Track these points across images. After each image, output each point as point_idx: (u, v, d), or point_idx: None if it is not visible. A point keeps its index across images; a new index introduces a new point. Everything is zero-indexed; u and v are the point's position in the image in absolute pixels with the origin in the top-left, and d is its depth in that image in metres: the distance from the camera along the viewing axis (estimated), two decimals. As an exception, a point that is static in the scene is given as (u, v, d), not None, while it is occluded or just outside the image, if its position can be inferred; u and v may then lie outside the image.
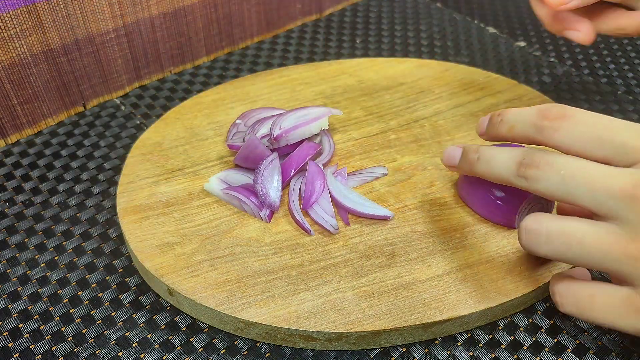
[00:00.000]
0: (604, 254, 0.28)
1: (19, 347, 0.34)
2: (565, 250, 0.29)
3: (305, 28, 0.61)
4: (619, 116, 0.49)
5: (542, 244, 0.29)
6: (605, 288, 0.29)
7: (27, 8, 0.42)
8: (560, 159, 0.29)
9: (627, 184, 0.27)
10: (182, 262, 0.35)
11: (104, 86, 0.50)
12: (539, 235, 0.29)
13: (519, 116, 0.32)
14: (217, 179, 0.40)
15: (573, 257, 0.29)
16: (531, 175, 0.30)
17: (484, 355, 0.33)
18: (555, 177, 0.29)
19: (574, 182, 0.28)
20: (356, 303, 0.33)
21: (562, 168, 0.29)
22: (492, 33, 0.60)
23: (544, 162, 0.29)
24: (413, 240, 0.37)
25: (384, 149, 0.44)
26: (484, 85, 0.49)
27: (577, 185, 0.28)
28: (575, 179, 0.28)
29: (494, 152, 0.32)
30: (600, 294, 0.29)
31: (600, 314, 0.29)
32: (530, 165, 0.30)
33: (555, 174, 0.29)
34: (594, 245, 0.28)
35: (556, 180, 0.29)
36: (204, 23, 0.53)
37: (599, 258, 0.28)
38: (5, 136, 0.46)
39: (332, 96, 0.48)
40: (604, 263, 0.28)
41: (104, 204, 0.42)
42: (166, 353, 0.33)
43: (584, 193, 0.28)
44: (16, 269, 0.38)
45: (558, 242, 0.29)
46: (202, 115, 0.46)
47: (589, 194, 0.28)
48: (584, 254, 0.28)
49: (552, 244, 0.29)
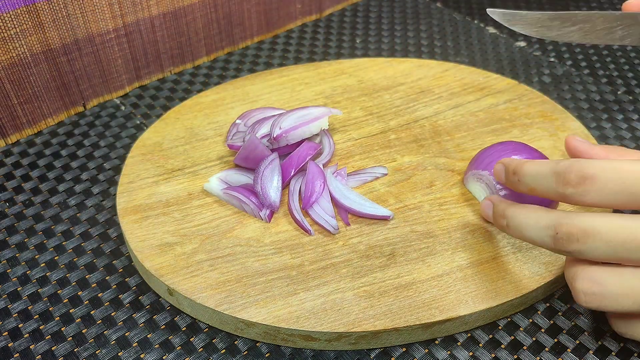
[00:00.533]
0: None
1: (19, 347, 0.34)
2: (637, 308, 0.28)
3: (305, 28, 0.61)
4: (619, 116, 0.49)
5: (607, 305, 0.29)
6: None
7: (27, 8, 0.42)
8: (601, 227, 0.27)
9: None
10: (182, 262, 0.35)
11: (104, 86, 0.50)
12: (603, 298, 0.28)
13: (537, 180, 0.30)
14: (217, 179, 0.40)
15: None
16: (574, 249, 0.28)
17: (484, 355, 0.33)
18: (603, 247, 0.27)
19: (626, 249, 0.27)
20: (356, 303, 0.33)
21: (606, 236, 0.27)
22: (492, 33, 0.60)
23: (582, 234, 0.28)
24: (413, 240, 0.37)
25: (384, 149, 0.44)
26: (484, 85, 0.49)
27: (630, 251, 0.27)
28: (625, 245, 0.27)
29: (523, 220, 0.30)
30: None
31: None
32: (569, 240, 0.28)
33: (602, 244, 0.27)
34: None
35: (606, 250, 0.27)
36: (204, 23, 0.53)
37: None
38: (5, 136, 0.46)
39: (332, 96, 0.48)
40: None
41: (104, 204, 0.42)
42: (166, 353, 0.33)
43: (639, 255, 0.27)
44: (16, 269, 0.38)
45: (628, 304, 0.28)
46: (202, 115, 0.46)
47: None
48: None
49: (620, 306, 0.28)
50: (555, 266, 0.35)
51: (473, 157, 0.40)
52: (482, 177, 0.38)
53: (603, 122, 0.49)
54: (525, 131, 0.45)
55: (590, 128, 0.48)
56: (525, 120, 0.45)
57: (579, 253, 0.28)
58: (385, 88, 0.49)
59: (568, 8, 0.65)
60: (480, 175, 0.38)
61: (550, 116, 0.46)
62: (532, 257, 0.36)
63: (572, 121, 0.45)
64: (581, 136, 0.44)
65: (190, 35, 0.53)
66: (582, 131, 0.44)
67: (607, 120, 0.49)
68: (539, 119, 0.46)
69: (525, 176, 0.31)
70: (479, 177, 0.38)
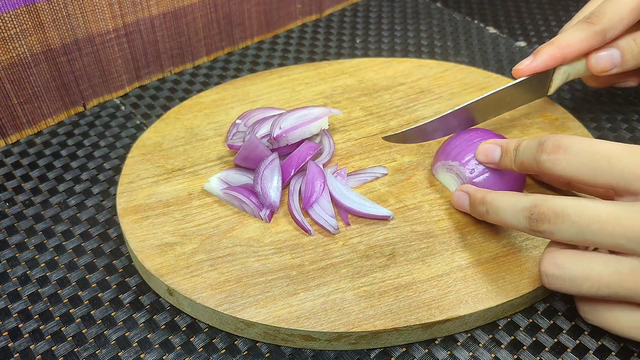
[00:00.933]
0: (632, 291, 0.29)
1: (19, 347, 0.34)
2: (594, 292, 0.30)
3: (305, 28, 0.61)
4: (619, 116, 0.49)
5: (567, 288, 0.30)
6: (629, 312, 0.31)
7: (27, 8, 0.42)
8: (570, 208, 0.29)
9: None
10: (182, 262, 0.35)
11: (104, 86, 0.50)
12: (563, 281, 0.30)
13: (526, 150, 0.33)
14: (217, 179, 0.40)
15: (602, 297, 0.30)
16: (545, 229, 0.30)
17: (484, 355, 0.33)
18: (571, 228, 0.29)
19: (590, 230, 0.29)
20: (356, 303, 0.33)
21: (574, 217, 0.29)
22: (492, 33, 0.60)
23: (553, 215, 0.30)
24: (413, 240, 0.37)
25: (384, 149, 0.44)
26: (484, 85, 0.49)
27: (594, 233, 0.29)
28: (590, 226, 0.29)
29: (501, 204, 0.33)
30: (625, 318, 0.31)
31: (625, 331, 0.31)
32: (541, 219, 0.30)
33: (569, 225, 0.29)
34: (621, 285, 0.29)
35: (573, 231, 0.29)
36: (204, 23, 0.53)
37: (623, 295, 0.29)
38: (5, 136, 0.46)
39: (332, 96, 0.48)
40: (630, 298, 0.29)
41: (104, 204, 0.42)
42: (166, 353, 0.33)
43: (604, 239, 0.29)
44: (16, 269, 0.38)
45: (585, 287, 0.30)
46: (202, 115, 0.46)
47: (610, 239, 0.29)
48: (611, 293, 0.30)
49: (578, 288, 0.30)
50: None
51: (439, 148, 0.41)
52: (452, 168, 0.39)
53: (603, 122, 0.49)
54: (525, 131, 0.45)
55: (590, 128, 0.48)
56: (525, 120, 0.45)
57: (549, 233, 0.30)
58: (385, 88, 0.49)
59: (568, 8, 0.65)
60: (450, 166, 0.39)
61: (550, 116, 0.46)
62: (532, 257, 0.36)
63: (572, 121, 0.45)
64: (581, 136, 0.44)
65: (190, 35, 0.53)
66: (582, 131, 0.44)
67: (607, 120, 0.49)
68: (539, 119, 0.46)
69: (519, 151, 0.34)
70: (449, 167, 0.39)
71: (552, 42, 0.39)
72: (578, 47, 0.39)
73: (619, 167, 0.29)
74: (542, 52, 0.39)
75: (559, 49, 0.39)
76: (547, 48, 0.39)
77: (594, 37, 0.38)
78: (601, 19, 0.38)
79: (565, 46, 0.39)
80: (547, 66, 0.39)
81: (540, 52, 0.39)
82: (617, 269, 0.29)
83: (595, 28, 0.38)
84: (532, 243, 0.37)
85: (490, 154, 0.36)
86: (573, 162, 0.30)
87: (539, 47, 0.40)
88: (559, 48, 0.39)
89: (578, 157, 0.30)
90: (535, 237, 0.37)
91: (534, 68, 0.39)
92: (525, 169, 0.34)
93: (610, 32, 0.39)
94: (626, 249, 0.29)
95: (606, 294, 0.30)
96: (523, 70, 0.39)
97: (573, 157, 0.30)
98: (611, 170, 0.30)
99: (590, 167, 0.30)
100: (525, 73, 0.39)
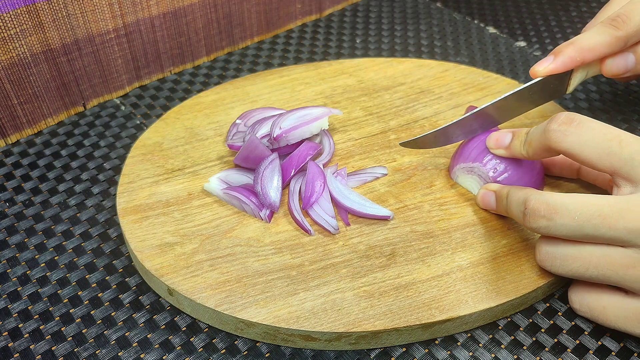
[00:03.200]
0: (619, 276, 0.30)
1: (19, 347, 0.34)
2: (582, 272, 0.30)
3: (305, 28, 0.61)
4: (619, 116, 0.49)
5: (557, 266, 0.31)
6: (617, 300, 0.31)
7: (27, 8, 0.42)
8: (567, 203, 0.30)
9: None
10: (182, 262, 0.35)
11: (104, 86, 0.50)
12: (554, 258, 0.31)
13: (537, 129, 0.33)
14: (217, 179, 0.40)
15: (590, 278, 0.31)
16: (541, 225, 0.30)
17: (484, 356, 0.33)
18: (570, 223, 0.30)
19: (592, 224, 0.29)
20: (356, 303, 0.33)
21: (574, 212, 0.29)
22: (492, 33, 0.60)
23: (548, 210, 0.30)
24: (413, 240, 0.37)
25: (384, 149, 0.44)
26: (484, 85, 0.49)
27: (596, 227, 0.29)
28: (592, 221, 0.29)
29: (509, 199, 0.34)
30: (612, 307, 0.31)
31: (612, 322, 0.32)
32: (535, 215, 0.30)
33: (569, 220, 0.30)
34: (610, 268, 0.30)
35: (572, 226, 0.30)
36: (204, 23, 0.53)
37: (610, 277, 0.30)
38: (5, 136, 0.46)
39: (332, 96, 0.48)
40: (620, 283, 0.30)
41: (104, 204, 0.42)
42: (166, 353, 0.33)
43: (606, 232, 0.29)
44: (16, 269, 0.38)
45: (575, 265, 0.30)
46: (202, 115, 0.46)
47: (612, 232, 0.29)
48: (599, 275, 0.30)
49: (568, 267, 0.31)
50: (555, 266, 0.35)
51: (456, 151, 0.40)
52: (472, 169, 0.39)
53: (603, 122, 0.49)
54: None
55: (590, 128, 0.48)
56: (525, 120, 0.45)
57: (546, 229, 0.30)
58: (385, 88, 0.49)
59: (568, 8, 0.65)
60: (470, 167, 0.39)
61: (550, 116, 0.46)
62: (532, 257, 0.36)
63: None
64: None
65: (190, 35, 0.53)
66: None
67: (607, 120, 0.49)
68: (539, 119, 0.46)
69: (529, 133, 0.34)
70: (470, 169, 0.39)
71: (573, 43, 0.38)
72: (599, 52, 0.38)
73: (628, 150, 0.30)
74: (563, 53, 0.37)
75: (579, 53, 0.37)
76: (568, 49, 0.38)
77: (617, 43, 0.37)
78: (627, 24, 0.37)
79: (586, 50, 0.37)
80: (566, 68, 0.38)
81: (561, 54, 0.38)
82: (609, 252, 0.30)
83: (619, 34, 0.37)
84: (532, 243, 0.37)
85: (501, 139, 0.37)
86: (583, 137, 0.30)
87: (559, 46, 0.38)
88: (580, 52, 0.37)
89: (590, 134, 0.30)
90: (535, 237, 0.37)
91: (552, 69, 0.38)
92: (534, 150, 0.34)
93: (633, 39, 0.38)
94: (624, 242, 0.29)
95: (594, 275, 0.30)
96: (542, 72, 0.38)
97: (584, 132, 0.30)
98: (621, 151, 0.30)
99: (601, 145, 0.30)
100: (543, 74, 0.38)
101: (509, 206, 0.34)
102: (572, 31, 0.61)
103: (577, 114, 0.31)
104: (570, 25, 0.62)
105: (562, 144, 0.31)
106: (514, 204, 0.33)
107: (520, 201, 0.32)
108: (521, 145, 0.35)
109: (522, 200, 0.31)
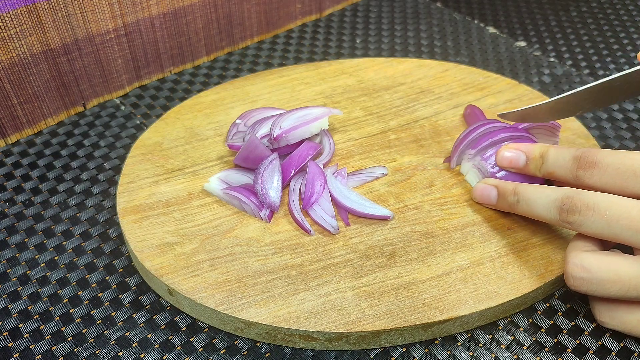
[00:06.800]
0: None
1: (19, 347, 0.34)
2: (622, 294, 0.30)
3: (305, 28, 0.61)
4: (619, 116, 0.49)
5: (594, 290, 0.31)
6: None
7: (27, 8, 0.42)
8: (601, 202, 0.31)
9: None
10: (182, 262, 0.35)
11: (104, 86, 0.50)
12: (590, 283, 0.31)
13: (558, 162, 0.34)
14: (217, 179, 0.40)
15: (630, 298, 0.31)
16: (574, 220, 0.31)
17: (484, 356, 0.33)
18: (600, 221, 0.30)
19: (619, 225, 0.30)
20: (356, 303, 0.33)
21: (605, 211, 0.30)
22: (492, 33, 0.60)
23: (584, 207, 0.31)
24: (413, 240, 0.37)
25: (384, 149, 0.44)
26: (484, 86, 0.49)
27: (622, 228, 0.30)
28: (619, 221, 0.30)
29: (533, 195, 0.34)
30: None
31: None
32: (572, 211, 0.31)
33: (599, 218, 0.30)
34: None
35: (601, 224, 0.30)
36: (204, 23, 0.53)
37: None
38: (5, 136, 0.46)
39: (332, 96, 0.48)
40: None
41: (104, 204, 0.42)
42: (166, 353, 0.33)
43: (632, 235, 0.30)
44: (16, 269, 0.38)
45: (614, 289, 0.30)
46: (202, 115, 0.46)
47: (637, 236, 0.30)
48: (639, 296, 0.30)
49: (606, 291, 0.31)
50: (555, 266, 0.35)
51: (459, 138, 0.41)
52: (472, 158, 0.39)
53: (603, 122, 0.49)
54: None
55: (590, 128, 0.48)
56: (525, 120, 0.45)
57: (578, 225, 0.31)
58: (385, 88, 0.49)
59: (568, 8, 0.65)
60: (470, 155, 0.40)
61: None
62: (532, 257, 0.36)
63: (572, 121, 0.45)
64: (581, 136, 0.44)
65: (190, 35, 0.53)
66: (582, 131, 0.44)
67: (607, 120, 0.49)
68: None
69: (550, 157, 0.35)
70: (469, 156, 0.40)
71: None
72: None
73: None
74: None
75: None
76: None
77: None
78: None
79: None
80: None
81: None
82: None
83: None
84: (532, 243, 0.37)
85: (514, 160, 0.37)
86: (604, 176, 0.32)
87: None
88: None
89: (608, 171, 0.32)
90: (535, 237, 0.37)
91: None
92: (555, 178, 0.35)
93: None
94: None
95: (634, 296, 0.30)
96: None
97: (603, 171, 0.32)
98: (636, 181, 0.31)
99: (619, 180, 0.31)
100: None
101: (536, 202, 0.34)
102: (572, 31, 0.61)
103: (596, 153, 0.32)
104: (570, 25, 0.62)
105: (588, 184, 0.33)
106: (545, 200, 0.33)
107: (557, 197, 0.32)
108: (536, 169, 0.36)
109: (559, 197, 0.32)
